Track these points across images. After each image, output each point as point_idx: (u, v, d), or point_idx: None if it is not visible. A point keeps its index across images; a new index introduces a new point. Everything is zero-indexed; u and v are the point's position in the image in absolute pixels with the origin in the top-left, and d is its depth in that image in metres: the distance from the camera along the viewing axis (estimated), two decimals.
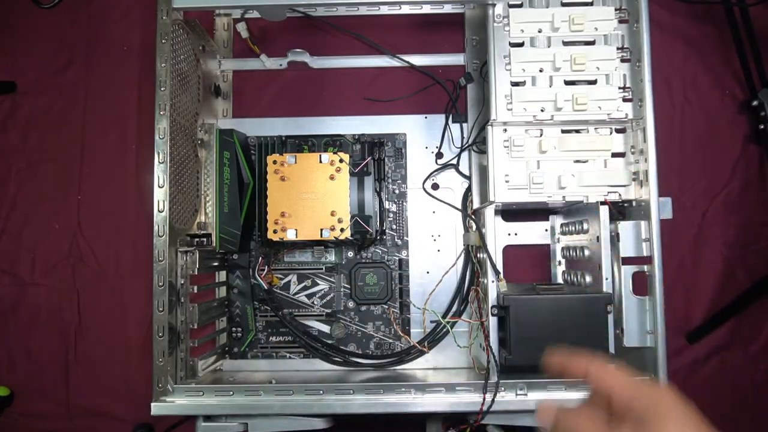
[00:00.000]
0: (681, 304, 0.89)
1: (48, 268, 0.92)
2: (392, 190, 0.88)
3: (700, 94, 0.92)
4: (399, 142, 0.88)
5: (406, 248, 0.87)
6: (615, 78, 0.70)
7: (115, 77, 0.94)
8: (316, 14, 0.91)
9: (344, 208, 0.75)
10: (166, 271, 0.69)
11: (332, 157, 0.76)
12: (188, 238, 0.76)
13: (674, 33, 0.92)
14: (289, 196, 0.75)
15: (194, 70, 0.81)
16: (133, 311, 0.91)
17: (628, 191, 0.70)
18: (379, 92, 0.92)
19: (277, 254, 0.87)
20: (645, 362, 0.68)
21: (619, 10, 0.70)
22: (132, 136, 0.93)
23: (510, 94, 0.69)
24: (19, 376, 0.91)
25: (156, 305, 0.68)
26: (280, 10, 0.73)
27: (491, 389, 0.67)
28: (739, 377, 0.89)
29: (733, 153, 0.91)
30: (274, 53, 0.91)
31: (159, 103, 0.70)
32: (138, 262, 0.90)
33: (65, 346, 0.91)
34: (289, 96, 0.93)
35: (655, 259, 0.66)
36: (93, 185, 0.93)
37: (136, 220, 0.91)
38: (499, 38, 0.70)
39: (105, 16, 0.95)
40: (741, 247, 0.90)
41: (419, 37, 0.93)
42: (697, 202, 0.90)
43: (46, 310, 0.92)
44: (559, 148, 0.70)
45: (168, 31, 0.72)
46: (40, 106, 0.94)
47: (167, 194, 0.70)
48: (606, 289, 0.69)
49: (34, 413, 0.91)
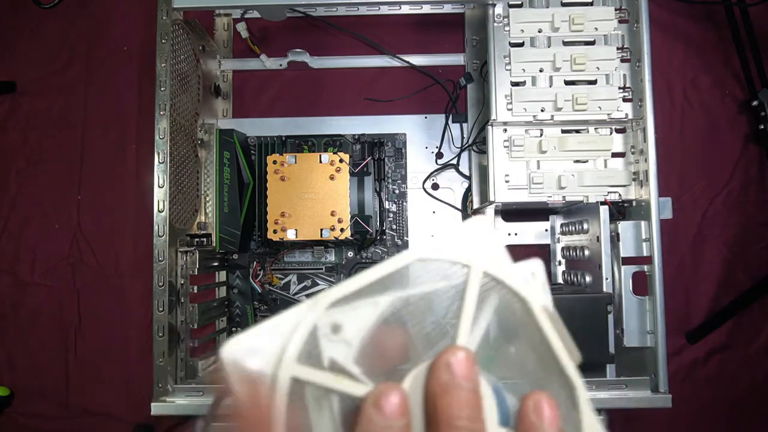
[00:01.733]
0: (681, 304, 0.89)
1: (48, 268, 0.92)
2: (392, 190, 0.88)
3: (700, 94, 0.92)
4: (399, 142, 0.88)
5: (406, 248, 0.87)
6: (615, 78, 0.70)
7: (115, 77, 0.94)
8: (316, 14, 0.91)
9: (344, 208, 0.75)
10: (166, 271, 0.69)
11: (332, 157, 0.76)
12: (188, 238, 0.76)
13: (674, 33, 0.92)
14: (289, 196, 0.75)
15: (194, 70, 0.81)
16: (133, 311, 0.91)
17: (628, 191, 0.70)
18: (379, 92, 0.92)
19: (276, 255, 0.87)
20: (645, 362, 0.68)
21: (619, 10, 0.70)
22: (132, 136, 0.93)
23: (510, 94, 0.69)
24: (19, 376, 0.91)
25: (156, 305, 0.68)
26: (280, 10, 0.73)
27: None
28: (740, 377, 0.89)
29: (733, 153, 0.91)
30: (274, 53, 0.91)
31: (159, 103, 0.70)
32: (138, 262, 0.90)
33: (65, 346, 0.91)
34: (289, 96, 0.93)
35: (655, 259, 0.66)
36: (93, 185, 0.93)
37: (136, 220, 0.91)
38: (499, 38, 0.70)
39: (105, 16, 0.95)
40: (741, 246, 0.90)
41: (419, 37, 0.93)
42: (697, 202, 0.90)
43: (46, 310, 0.92)
44: (559, 148, 0.70)
45: (168, 31, 0.72)
46: (40, 106, 0.94)
47: (167, 194, 0.70)
48: (606, 289, 0.69)
49: (34, 413, 0.91)
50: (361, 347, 0.25)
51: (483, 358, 0.25)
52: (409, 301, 0.26)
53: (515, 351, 0.27)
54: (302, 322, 0.25)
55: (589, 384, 0.67)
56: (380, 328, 0.25)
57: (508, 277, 0.27)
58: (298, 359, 0.24)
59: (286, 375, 0.24)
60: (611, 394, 0.66)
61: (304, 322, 0.25)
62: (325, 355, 0.25)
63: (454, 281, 0.27)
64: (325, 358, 0.25)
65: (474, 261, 0.27)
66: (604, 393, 0.66)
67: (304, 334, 0.24)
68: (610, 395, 0.66)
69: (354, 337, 0.25)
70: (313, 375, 0.24)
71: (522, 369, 0.27)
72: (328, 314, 0.25)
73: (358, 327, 0.25)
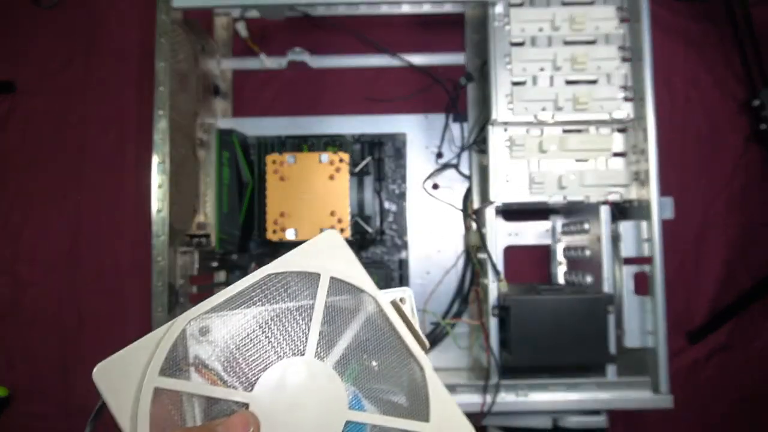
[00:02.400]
0: (682, 304, 0.89)
1: (48, 268, 0.92)
2: (392, 190, 0.88)
3: (700, 94, 0.92)
4: (399, 142, 0.88)
5: (405, 248, 0.87)
6: (616, 77, 0.69)
7: (114, 77, 0.94)
8: (316, 13, 0.90)
9: (344, 208, 0.75)
10: (165, 271, 0.68)
11: (332, 157, 0.75)
12: (187, 238, 0.76)
13: (675, 33, 0.92)
14: (288, 196, 0.75)
15: (193, 69, 0.81)
16: (132, 311, 0.91)
17: (629, 191, 0.70)
18: (379, 92, 0.92)
19: (275, 255, 0.87)
20: (646, 363, 0.68)
21: (620, 9, 0.70)
22: (131, 135, 0.93)
23: (511, 94, 0.69)
24: (18, 376, 0.91)
25: (155, 305, 0.68)
26: (279, 9, 0.73)
27: (492, 390, 0.67)
28: (740, 377, 0.88)
29: (734, 153, 0.91)
30: (273, 53, 0.91)
31: (158, 102, 0.70)
32: (137, 263, 0.90)
33: (65, 346, 0.91)
34: (289, 96, 0.93)
35: (656, 259, 0.66)
36: (93, 185, 0.93)
37: (135, 220, 0.91)
38: (499, 38, 0.70)
39: (104, 16, 0.95)
40: (742, 246, 0.90)
41: (419, 36, 0.92)
42: (697, 201, 0.90)
43: (46, 310, 0.92)
44: (560, 147, 0.70)
45: (167, 30, 0.71)
46: (40, 106, 0.94)
47: (166, 194, 0.69)
48: (607, 290, 0.69)
49: (33, 413, 0.91)
50: (224, 348, 0.30)
51: (349, 371, 0.30)
52: (273, 312, 0.30)
53: (377, 364, 0.31)
54: (166, 336, 0.30)
55: (590, 384, 0.67)
56: (245, 335, 0.30)
57: (357, 280, 0.32)
58: (161, 371, 0.29)
59: (149, 387, 0.29)
60: (612, 395, 0.66)
61: (168, 336, 0.30)
62: (191, 353, 0.30)
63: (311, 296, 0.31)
64: (191, 356, 0.30)
65: (322, 269, 0.31)
66: (605, 393, 0.66)
67: (166, 348, 0.30)
68: (610, 396, 0.66)
69: (220, 339, 0.30)
70: (173, 384, 0.29)
71: (382, 379, 0.31)
72: (200, 320, 0.30)
73: (223, 332, 0.30)
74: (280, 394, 0.29)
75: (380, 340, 0.31)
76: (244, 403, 0.29)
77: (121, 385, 0.29)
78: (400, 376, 0.31)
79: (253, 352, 0.30)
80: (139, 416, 0.28)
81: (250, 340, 0.30)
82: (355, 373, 0.30)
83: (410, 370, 0.31)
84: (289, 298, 0.31)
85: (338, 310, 0.31)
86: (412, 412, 0.30)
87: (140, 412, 0.28)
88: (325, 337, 0.30)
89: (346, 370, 0.30)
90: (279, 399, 0.29)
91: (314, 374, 0.30)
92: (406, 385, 0.31)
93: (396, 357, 0.31)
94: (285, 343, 0.30)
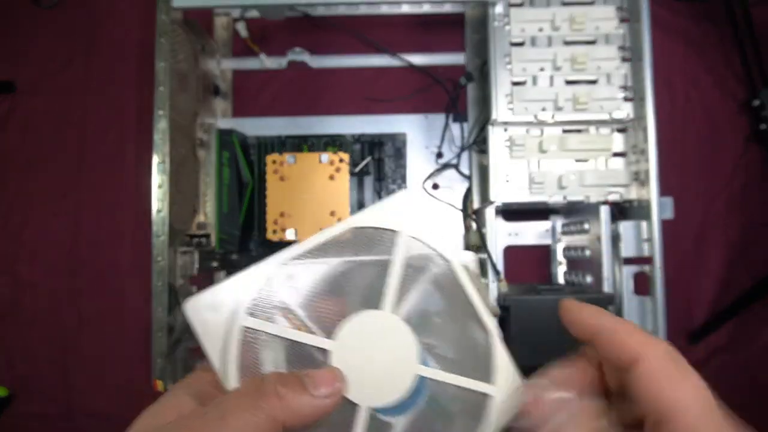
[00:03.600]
0: (682, 305, 0.89)
1: (48, 268, 0.92)
2: (392, 190, 0.88)
3: (701, 94, 0.92)
4: (399, 142, 0.88)
5: None
6: (616, 77, 0.69)
7: (114, 77, 0.94)
8: (316, 13, 0.90)
9: (344, 208, 0.75)
10: (165, 271, 0.68)
11: (332, 157, 0.75)
12: (187, 238, 0.76)
13: (675, 33, 0.92)
14: (288, 196, 0.75)
15: (193, 69, 0.81)
16: (132, 311, 0.90)
17: (629, 191, 0.70)
18: (379, 92, 0.92)
19: None
20: None
21: (620, 9, 0.70)
22: (131, 135, 0.93)
23: (511, 94, 0.69)
24: (18, 376, 0.91)
25: (155, 305, 0.68)
26: (279, 9, 0.73)
27: None
28: (741, 377, 0.88)
29: (734, 153, 0.91)
30: (273, 53, 0.91)
31: (158, 102, 0.70)
32: (137, 263, 0.90)
33: (65, 346, 0.91)
34: (289, 96, 0.93)
35: (656, 260, 0.66)
36: (93, 185, 0.93)
37: (135, 220, 0.91)
38: (499, 38, 0.70)
39: (104, 16, 0.95)
40: (742, 247, 0.90)
41: (419, 36, 0.92)
42: (698, 202, 0.90)
43: (46, 310, 0.92)
44: (560, 147, 0.70)
45: (167, 30, 0.71)
46: (40, 106, 0.94)
47: (166, 194, 0.69)
48: (607, 290, 0.69)
49: (33, 414, 0.91)
50: (308, 296, 0.30)
51: (416, 323, 0.30)
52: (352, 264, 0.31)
53: (444, 324, 0.32)
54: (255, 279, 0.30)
55: None
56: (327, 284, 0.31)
57: (432, 240, 0.33)
58: (250, 311, 0.30)
59: (238, 326, 0.30)
60: None
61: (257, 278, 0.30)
62: (276, 298, 0.30)
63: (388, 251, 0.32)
64: (277, 300, 0.30)
65: (400, 227, 0.32)
66: None
67: (255, 290, 0.30)
68: None
69: (304, 286, 0.31)
70: (260, 325, 0.30)
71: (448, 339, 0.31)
72: (286, 267, 0.31)
73: (308, 279, 0.31)
74: (357, 346, 0.30)
75: (449, 301, 0.32)
76: (325, 350, 0.30)
77: (211, 320, 0.30)
78: (465, 338, 0.32)
79: (332, 303, 0.31)
80: (229, 353, 0.29)
81: (331, 290, 0.31)
82: (422, 330, 0.31)
83: (476, 333, 0.31)
84: (365, 252, 0.32)
85: (410, 268, 0.32)
86: (477, 374, 0.31)
87: (230, 350, 0.29)
88: (398, 293, 0.31)
89: (415, 326, 0.31)
90: (355, 350, 0.30)
91: (389, 328, 0.30)
92: (471, 348, 0.31)
93: (462, 319, 0.32)
94: (362, 296, 0.31)
